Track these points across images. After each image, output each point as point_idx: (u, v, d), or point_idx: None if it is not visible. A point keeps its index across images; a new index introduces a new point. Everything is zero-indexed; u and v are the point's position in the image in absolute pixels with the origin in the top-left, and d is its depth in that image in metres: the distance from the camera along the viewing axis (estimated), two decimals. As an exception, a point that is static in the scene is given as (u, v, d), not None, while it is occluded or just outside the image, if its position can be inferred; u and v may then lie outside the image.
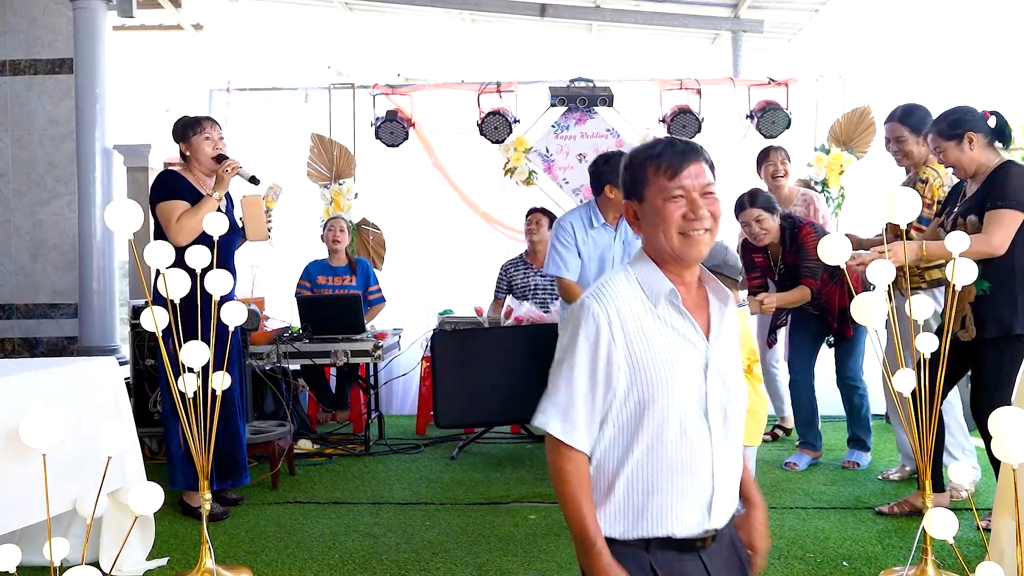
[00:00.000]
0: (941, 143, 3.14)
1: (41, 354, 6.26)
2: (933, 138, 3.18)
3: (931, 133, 3.20)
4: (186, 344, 2.67)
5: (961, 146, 3.09)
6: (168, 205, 3.44)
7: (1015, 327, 2.97)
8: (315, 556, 3.05)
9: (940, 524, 2.29)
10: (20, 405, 2.32)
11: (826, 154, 5.66)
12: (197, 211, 3.40)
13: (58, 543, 1.98)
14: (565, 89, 5.74)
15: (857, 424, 4.28)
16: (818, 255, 2.73)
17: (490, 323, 4.81)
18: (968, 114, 3.12)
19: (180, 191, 3.49)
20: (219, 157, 3.53)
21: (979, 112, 3.13)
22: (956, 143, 3.09)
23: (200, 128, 3.56)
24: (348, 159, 5.87)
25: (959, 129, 3.09)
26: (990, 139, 3.10)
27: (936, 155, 3.24)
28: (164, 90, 8.94)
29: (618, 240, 3.89)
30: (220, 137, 3.61)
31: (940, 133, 3.14)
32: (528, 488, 3.97)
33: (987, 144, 3.09)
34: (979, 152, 3.08)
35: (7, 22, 6.29)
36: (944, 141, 3.12)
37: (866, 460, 4.25)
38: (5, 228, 6.31)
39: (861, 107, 5.61)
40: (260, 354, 4.51)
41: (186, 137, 3.57)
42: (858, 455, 4.27)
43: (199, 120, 3.61)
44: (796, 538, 3.18)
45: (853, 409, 4.26)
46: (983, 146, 3.09)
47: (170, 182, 3.52)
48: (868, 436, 4.30)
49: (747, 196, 3.99)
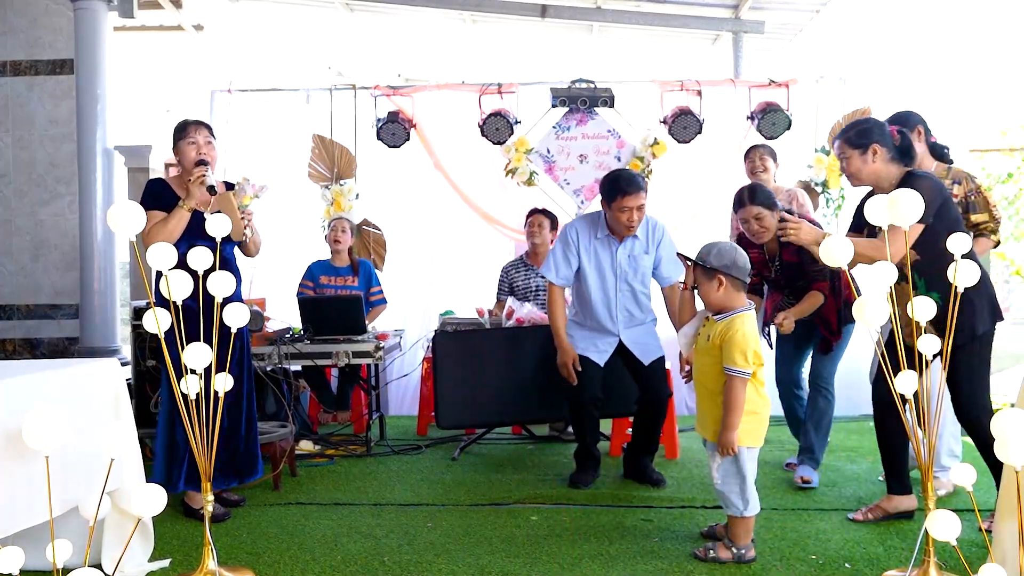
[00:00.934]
0: (847, 151, 3.24)
1: (42, 355, 6.26)
2: (839, 145, 3.28)
3: (838, 140, 3.29)
4: (189, 345, 2.67)
5: (865, 156, 3.19)
6: (147, 215, 3.41)
7: (977, 328, 3.07)
8: (317, 557, 3.05)
9: (942, 526, 2.30)
10: (21, 406, 2.32)
11: (826, 155, 5.67)
12: (167, 221, 3.36)
13: (61, 545, 1.98)
14: (566, 90, 5.74)
15: (816, 431, 3.99)
16: None
17: (491, 324, 4.81)
18: (876, 127, 3.24)
19: (162, 199, 3.44)
20: (199, 162, 3.46)
21: (888, 127, 3.24)
22: (861, 153, 3.20)
23: (186, 133, 3.51)
24: (349, 160, 5.87)
25: (865, 140, 3.20)
26: (893, 154, 3.20)
27: (840, 162, 3.33)
28: (165, 91, 8.96)
29: (623, 253, 3.90)
30: (207, 141, 3.52)
31: (847, 141, 3.24)
32: (530, 489, 3.97)
33: (890, 159, 3.20)
34: (881, 165, 3.19)
35: (8, 22, 6.29)
36: (850, 149, 3.23)
37: (817, 478, 3.92)
38: (6, 228, 6.31)
39: (861, 108, 5.61)
40: (261, 355, 4.51)
41: (175, 143, 3.54)
42: (810, 471, 3.95)
43: (186, 125, 3.56)
44: (798, 539, 3.18)
45: (817, 412, 4.00)
46: (885, 160, 3.19)
47: (152, 191, 3.50)
48: (823, 447, 4.03)
49: (747, 192, 3.79)
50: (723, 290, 2.94)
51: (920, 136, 3.61)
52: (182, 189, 3.49)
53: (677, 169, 5.82)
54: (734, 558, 2.93)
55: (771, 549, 3.08)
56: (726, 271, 2.94)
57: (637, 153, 5.76)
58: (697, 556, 2.98)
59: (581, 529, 3.35)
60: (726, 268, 2.93)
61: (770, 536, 3.23)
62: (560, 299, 4.00)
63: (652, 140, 5.72)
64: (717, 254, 2.96)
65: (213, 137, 3.59)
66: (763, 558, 2.98)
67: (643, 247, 3.92)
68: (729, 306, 2.96)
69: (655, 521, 3.41)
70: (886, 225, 2.67)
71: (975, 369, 3.11)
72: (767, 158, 4.74)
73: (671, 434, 4.61)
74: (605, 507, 3.58)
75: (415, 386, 5.91)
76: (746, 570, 2.87)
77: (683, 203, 5.87)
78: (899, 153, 3.21)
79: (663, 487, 3.90)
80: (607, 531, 3.30)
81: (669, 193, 5.71)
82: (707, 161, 5.80)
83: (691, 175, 5.85)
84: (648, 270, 3.96)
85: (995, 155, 7.94)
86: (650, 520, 3.42)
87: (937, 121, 5.85)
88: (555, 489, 3.95)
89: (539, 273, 5.17)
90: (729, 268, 2.93)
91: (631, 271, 3.92)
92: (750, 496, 2.94)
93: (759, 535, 3.23)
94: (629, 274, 3.92)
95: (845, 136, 3.25)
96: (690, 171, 5.82)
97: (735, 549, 2.94)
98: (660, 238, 3.95)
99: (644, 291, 3.98)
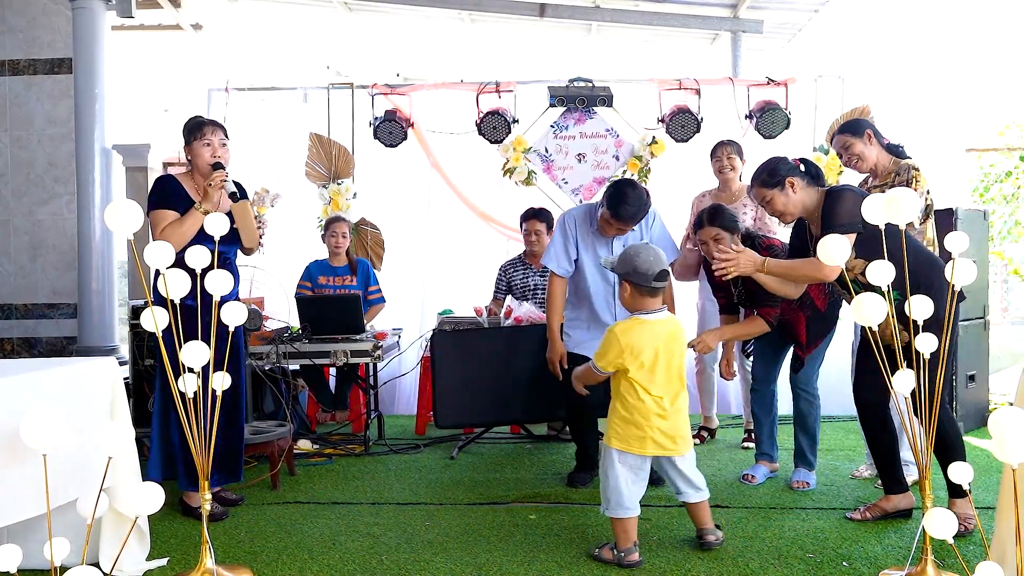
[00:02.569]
0: (766, 193, 3.32)
1: (40, 354, 6.26)
2: (757, 191, 3.36)
3: (754, 187, 3.38)
4: (186, 344, 2.67)
5: (785, 191, 3.29)
6: (158, 214, 3.39)
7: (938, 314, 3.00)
8: (315, 556, 3.05)
9: (940, 524, 2.30)
10: (18, 405, 2.32)
11: (825, 154, 5.67)
12: (182, 223, 3.36)
13: (58, 543, 1.98)
14: (564, 89, 5.74)
15: (803, 433, 3.99)
16: None
17: (489, 323, 4.81)
18: (782, 163, 3.34)
19: (174, 198, 3.43)
20: (216, 165, 3.44)
21: (791, 160, 3.34)
22: (780, 190, 3.30)
23: (201, 133, 3.49)
24: (347, 159, 5.87)
25: (778, 176, 3.29)
26: (807, 180, 3.31)
27: (765, 207, 3.39)
28: (163, 90, 8.95)
29: (619, 244, 3.90)
30: (222, 143, 3.51)
31: (764, 184, 3.33)
32: (528, 488, 3.97)
33: (807, 185, 3.30)
34: (802, 194, 3.30)
35: (6, 22, 6.29)
36: (769, 191, 3.31)
37: (814, 480, 3.98)
38: (4, 228, 6.31)
39: (860, 107, 5.61)
40: (260, 354, 4.51)
41: (188, 141, 3.52)
42: (805, 474, 3.96)
43: (202, 124, 3.53)
44: (796, 538, 3.19)
45: (800, 415, 3.99)
46: (803, 187, 3.30)
47: (165, 189, 3.46)
48: (814, 450, 4.01)
49: (707, 213, 3.79)
50: (627, 295, 3.02)
51: (871, 139, 3.67)
52: (194, 190, 3.48)
53: (675, 168, 5.82)
54: (615, 560, 2.93)
55: (769, 548, 3.08)
56: (626, 277, 3.00)
57: (635, 152, 5.76)
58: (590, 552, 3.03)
59: (579, 528, 3.35)
60: (627, 275, 2.99)
61: (768, 535, 3.23)
62: (560, 292, 3.99)
63: (650, 139, 5.73)
64: (621, 260, 3.04)
65: (227, 139, 3.57)
66: (761, 557, 2.99)
67: (636, 236, 3.93)
68: (634, 307, 3.03)
69: (653, 520, 3.41)
70: (883, 224, 2.67)
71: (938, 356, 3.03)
72: (734, 157, 4.72)
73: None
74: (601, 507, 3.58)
75: (413, 385, 5.91)
76: (743, 567, 2.87)
77: (682, 202, 5.87)
78: (812, 178, 3.33)
79: (661, 486, 3.90)
80: (605, 530, 3.30)
81: (668, 192, 5.71)
82: (706, 160, 5.80)
83: (689, 174, 5.85)
84: None
85: (993, 154, 7.94)
86: (648, 519, 3.42)
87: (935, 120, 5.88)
88: (553, 488, 3.95)
89: (537, 272, 5.17)
90: (630, 275, 2.98)
91: None
92: (611, 495, 2.96)
93: (757, 532, 3.24)
94: None
95: (760, 181, 3.34)
96: (688, 170, 5.81)
97: (615, 551, 2.95)
98: (652, 222, 3.97)
99: None
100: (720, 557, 2.98)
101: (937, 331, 3.01)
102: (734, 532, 3.26)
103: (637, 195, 3.74)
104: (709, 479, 3.18)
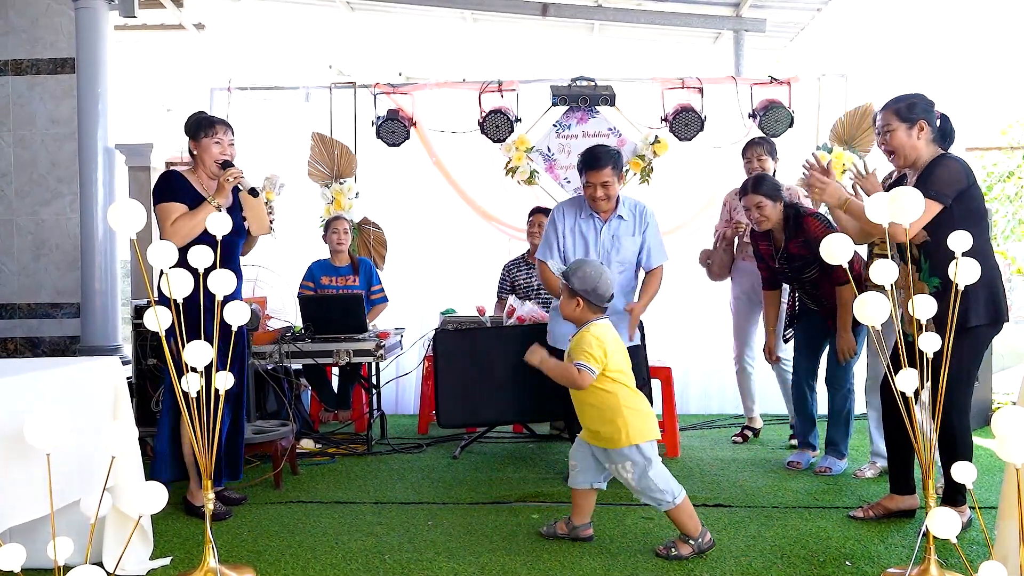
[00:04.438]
0: (893, 122, 3.16)
1: (43, 354, 6.27)
2: (885, 115, 3.19)
3: (885, 111, 3.20)
4: (190, 343, 2.67)
5: (911, 131, 3.14)
6: (166, 207, 3.41)
7: (969, 319, 3.01)
8: (318, 556, 3.05)
9: (943, 523, 2.29)
10: (21, 405, 2.32)
11: (828, 153, 5.66)
12: (193, 216, 3.38)
13: (62, 542, 1.98)
14: (567, 88, 5.73)
15: (836, 426, 4.16)
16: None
17: (492, 323, 4.81)
18: (924, 102, 3.17)
19: (181, 192, 3.45)
20: (224, 164, 3.49)
21: (934, 107, 3.18)
22: (908, 127, 3.14)
23: (212, 131, 3.52)
24: (349, 158, 5.87)
25: (914, 114, 3.14)
26: (935, 135, 3.16)
27: (882, 134, 3.22)
28: (166, 89, 8.96)
29: (607, 232, 3.89)
30: (231, 143, 3.56)
31: (896, 112, 3.16)
32: (531, 487, 3.97)
33: (931, 139, 3.16)
34: (923, 142, 3.15)
35: (9, 22, 6.29)
36: (898, 121, 3.16)
37: (840, 467, 4.12)
38: (7, 228, 6.32)
39: (863, 105, 5.60)
40: (262, 354, 4.51)
41: (196, 136, 3.54)
42: (832, 461, 4.14)
43: (212, 122, 3.56)
44: (799, 537, 3.18)
45: (835, 410, 4.17)
46: (928, 139, 3.15)
47: (172, 183, 3.49)
48: (846, 440, 4.18)
49: (751, 181, 4.13)
50: (579, 309, 3.05)
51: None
52: (199, 185, 3.50)
53: (679, 167, 5.81)
54: (695, 550, 2.95)
55: (772, 547, 3.08)
56: (584, 296, 3.03)
57: (638, 151, 5.75)
58: (659, 554, 2.99)
59: (582, 527, 3.35)
60: (585, 293, 3.02)
61: (771, 534, 3.22)
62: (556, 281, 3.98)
63: (653, 138, 5.72)
64: (581, 277, 3.05)
65: (234, 140, 3.62)
66: (764, 556, 2.98)
67: (628, 229, 3.90)
68: (583, 320, 3.06)
69: (656, 519, 3.41)
70: (886, 224, 2.67)
71: (961, 361, 3.00)
72: (765, 157, 4.73)
73: (672, 432, 4.62)
74: (605, 505, 3.58)
75: (416, 385, 5.92)
76: (746, 566, 2.87)
77: (685, 200, 5.87)
78: (940, 135, 3.17)
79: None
80: (607, 530, 3.30)
81: (671, 191, 5.71)
82: (709, 158, 5.80)
83: (693, 173, 5.84)
84: (633, 254, 3.92)
85: (995, 153, 7.93)
86: (651, 518, 3.42)
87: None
88: (556, 487, 3.95)
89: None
90: (588, 294, 3.02)
91: (614, 251, 3.89)
92: (670, 485, 2.98)
93: (760, 532, 3.23)
94: (612, 253, 3.90)
95: (895, 107, 3.17)
96: (692, 169, 5.81)
97: (691, 541, 2.96)
98: (647, 224, 3.94)
99: (626, 273, 3.93)
100: (723, 556, 2.98)
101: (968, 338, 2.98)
102: (737, 532, 3.26)
103: (602, 147, 3.88)
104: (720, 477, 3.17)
